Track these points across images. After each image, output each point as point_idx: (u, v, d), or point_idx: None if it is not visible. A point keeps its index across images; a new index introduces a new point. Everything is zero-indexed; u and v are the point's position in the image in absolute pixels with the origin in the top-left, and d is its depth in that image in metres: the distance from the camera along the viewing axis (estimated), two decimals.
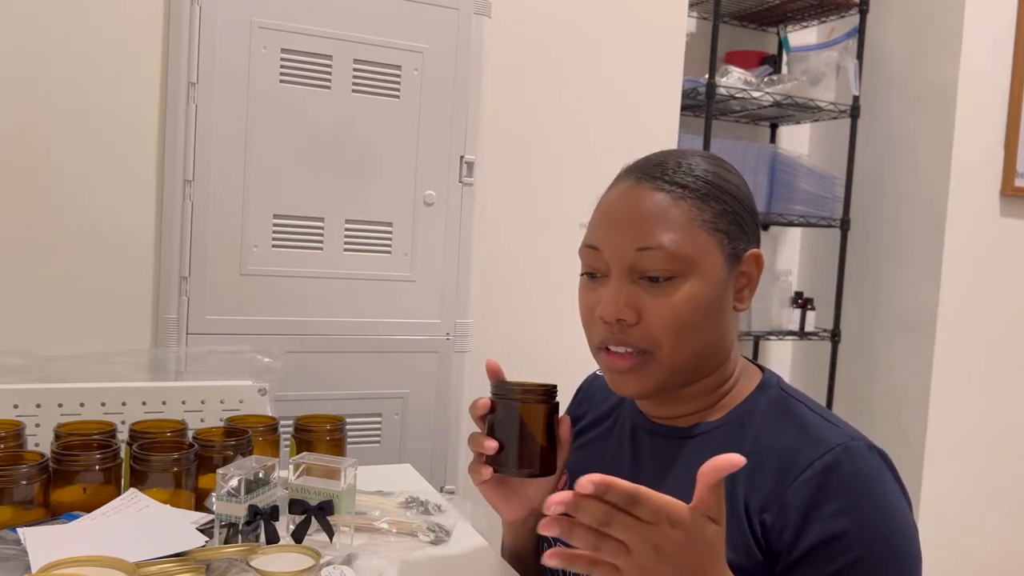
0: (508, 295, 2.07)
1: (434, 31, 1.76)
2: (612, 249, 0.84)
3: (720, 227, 0.84)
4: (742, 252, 0.86)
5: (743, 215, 0.87)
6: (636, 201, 0.84)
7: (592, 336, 0.88)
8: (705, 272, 0.83)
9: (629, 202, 0.85)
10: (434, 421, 1.82)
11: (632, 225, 0.83)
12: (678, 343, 0.83)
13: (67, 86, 1.59)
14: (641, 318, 0.83)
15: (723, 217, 0.84)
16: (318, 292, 1.71)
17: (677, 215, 0.83)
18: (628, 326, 0.83)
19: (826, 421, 0.83)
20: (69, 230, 1.61)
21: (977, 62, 2.44)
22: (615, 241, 0.84)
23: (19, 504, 0.98)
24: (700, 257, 0.83)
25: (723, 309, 0.85)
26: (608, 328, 0.84)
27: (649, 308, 0.82)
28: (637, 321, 0.83)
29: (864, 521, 0.75)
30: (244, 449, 1.13)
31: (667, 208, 0.83)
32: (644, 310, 0.83)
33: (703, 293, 0.82)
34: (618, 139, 2.13)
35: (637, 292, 0.83)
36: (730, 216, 0.85)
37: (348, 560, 0.98)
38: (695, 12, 2.61)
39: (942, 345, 2.48)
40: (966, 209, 2.48)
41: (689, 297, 0.82)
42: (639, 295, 0.83)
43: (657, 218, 0.83)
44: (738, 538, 0.79)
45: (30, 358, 1.45)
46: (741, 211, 0.86)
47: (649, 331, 0.83)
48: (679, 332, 0.82)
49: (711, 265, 0.83)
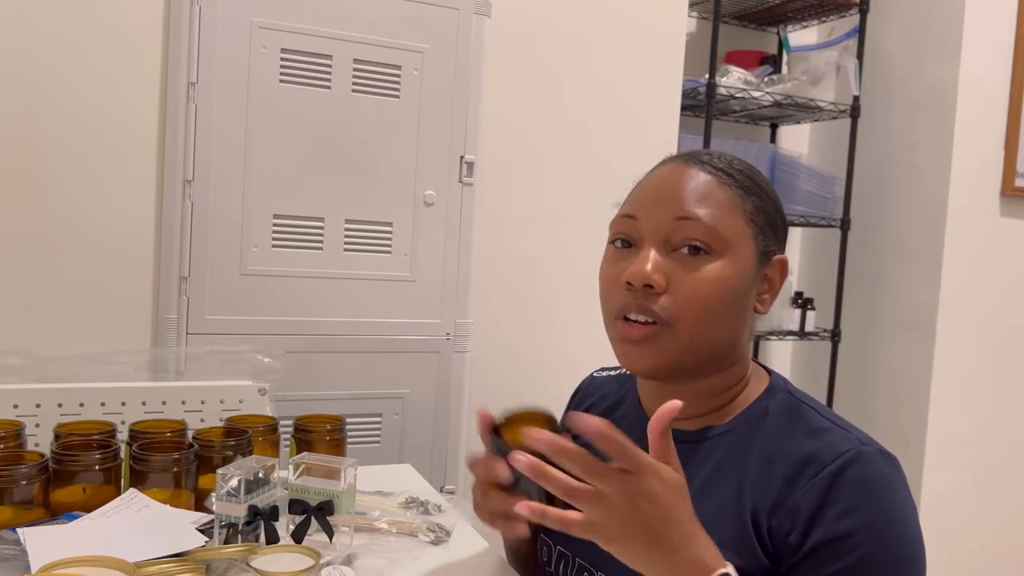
0: (508, 295, 2.07)
1: (434, 31, 1.76)
2: (650, 218, 0.85)
3: (757, 221, 0.85)
4: (772, 254, 0.88)
5: (777, 218, 0.89)
6: (682, 177, 0.86)
7: (611, 303, 0.87)
8: (738, 257, 0.84)
9: (675, 178, 0.86)
10: (434, 421, 1.82)
11: (675, 197, 0.84)
12: (698, 320, 0.82)
13: (67, 87, 1.59)
14: (668, 288, 0.82)
15: (761, 213, 0.86)
16: (318, 292, 1.71)
17: (720, 196, 0.84)
18: (653, 294, 0.83)
19: (837, 426, 0.82)
20: (69, 230, 1.61)
21: (977, 63, 2.44)
22: (655, 210, 0.85)
23: (19, 504, 0.98)
24: (736, 241, 0.84)
25: (745, 305, 0.86)
26: (632, 294, 0.84)
27: (677, 280, 0.82)
28: (664, 290, 0.82)
29: (870, 524, 0.75)
30: (244, 449, 1.13)
31: (712, 188, 0.85)
32: (672, 280, 0.82)
33: (732, 277, 0.83)
34: (618, 139, 2.13)
35: (669, 263, 0.83)
36: (766, 215, 0.87)
37: (348, 560, 0.98)
38: (695, 12, 2.62)
39: (942, 345, 2.48)
40: (966, 209, 2.48)
41: (719, 276, 0.82)
42: (671, 266, 0.83)
43: (701, 194, 0.84)
44: (743, 542, 0.79)
45: (30, 358, 1.45)
46: (776, 214, 0.89)
47: (674, 302, 0.82)
48: (703, 310, 0.82)
49: (745, 253, 0.84)
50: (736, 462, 0.83)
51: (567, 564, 0.93)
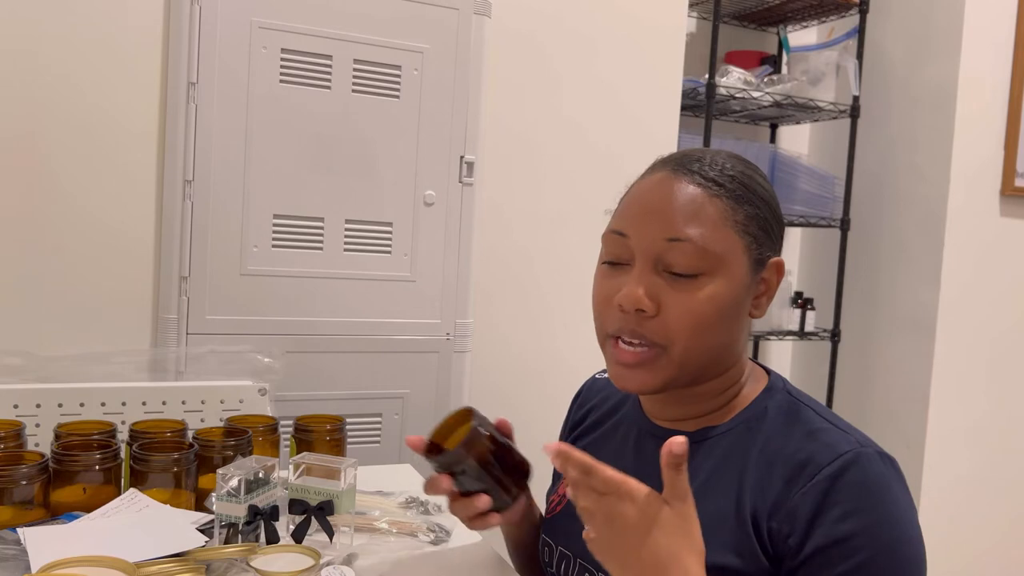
0: (508, 295, 2.07)
1: (434, 31, 1.76)
2: (641, 237, 0.83)
3: (750, 230, 0.83)
4: (767, 259, 0.86)
5: (771, 222, 0.86)
6: (671, 191, 0.83)
7: (604, 324, 0.86)
8: (730, 273, 0.82)
9: (664, 192, 0.83)
10: (434, 421, 1.79)
11: (665, 215, 0.82)
12: (692, 342, 0.82)
13: (67, 86, 1.59)
14: (660, 311, 0.81)
15: (753, 221, 0.84)
16: (318, 292, 1.71)
17: (711, 211, 0.82)
18: (646, 317, 0.82)
19: (835, 427, 0.82)
20: (69, 230, 1.61)
21: (977, 62, 2.44)
22: (645, 229, 0.83)
23: (19, 504, 0.98)
24: (728, 257, 0.82)
25: (740, 313, 0.85)
26: (624, 317, 0.83)
27: (670, 302, 0.81)
28: (656, 313, 0.81)
29: (869, 526, 0.75)
30: (244, 449, 1.13)
31: (702, 203, 0.82)
32: (665, 304, 0.81)
33: (725, 294, 0.82)
34: (618, 139, 2.13)
35: (660, 284, 0.82)
36: (760, 221, 0.84)
37: (348, 560, 0.98)
38: (695, 12, 2.62)
39: (942, 345, 2.48)
40: (966, 209, 2.48)
41: (712, 296, 0.81)
42: (662, 287, 0.82)
43: (691, 211, 0.82)
44: (744, 544, 0.79)
45: (30, 358, 1.45)
46: (770, 217, 0.86)
47: (666, 326, 0.81)
48: (696, 331, 0.81)
49: (737, 267, 0.82)
50: (736, 463, 0.83)
51: (568, 564, 0.93)
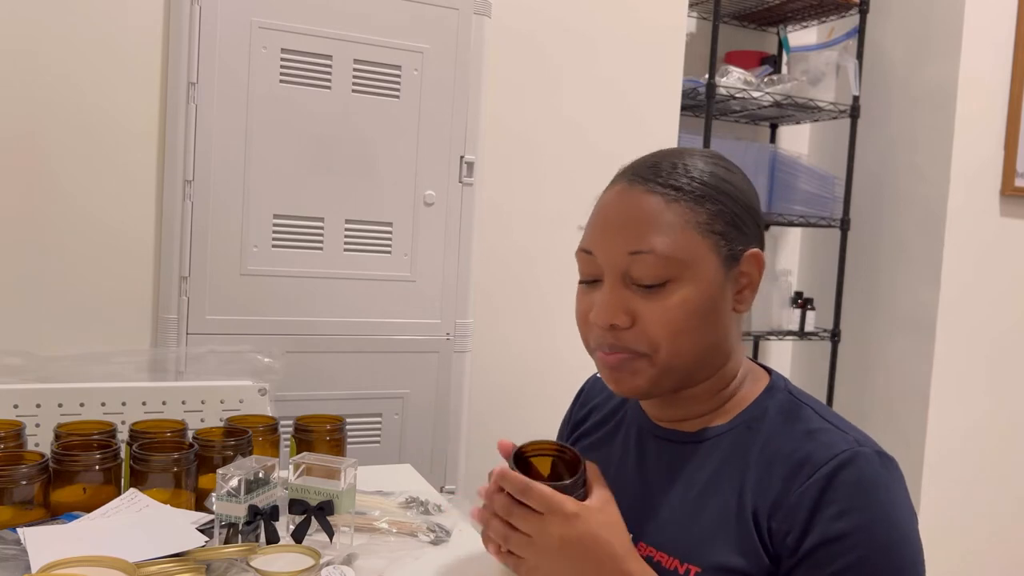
0: (508, 295, 2.07)
1: (434, 31, 1.76)
2: (605, 253, 0.84)
3: (716, 229, 0.83)
4: (740, 253, 0.85)
5: (742, 215, 0.85)
6: (628, 204, 0.84)
7: (587, 339, 0.88)
8: (699, 275, 0.82)
9: (622, 205, 0.84)
10: (434, 421, 1.82)
11: (624, 229, 0.83)
12: (675, 347, 0.82)
13: (67, 86, 1.59)
14: (635, 322, 0.82)
15: (719, 218, 0.83)
16: (318, 292, 1.71)
17: (670, 218, 0.82)
18: (622, 330, 0.83)
19: (835, 427, 0.82)
20: (69, 230, 1.61)
21: (977, 62, 2.44)
22: (608, 245, 0.84)
23: (19, 504, 0.98)
24: (694, 260, 0.82)
25: (720, 311, 0.84)
26: (603, 333, 0.84)
27: (643, 312, 0.82)
28: (631, 325, 0.82)
29: (864, 525, 0.75)
30: (244, 449, 1.13)
31: (660, 211, 0.82)
32: (638, 314, 0.82)
33: (697, 297, 0.82)
34: (618, 139, 2.13)
35: (630, 296, 0.82)
36: (727, 217, 0.84)
37: (348, 560, 0.98)
38: (695, 12, 2.61)
39: (942, 345, 2.48)
40: (966, 209, 2.48)
41: (683, 301, 0.81)
42: (632, 299, 0.82)
43: (649, 221, 0.82)
44: (746, 543, 0.79)
45: (30, 358, 1.45)
46: (740, 211, 0.85)
47: (645, 334, 0.82)
48: (675, 336, 0.82)
49: (705, 268, 0.82)
50: (737, 462, 0.83)
51: None
